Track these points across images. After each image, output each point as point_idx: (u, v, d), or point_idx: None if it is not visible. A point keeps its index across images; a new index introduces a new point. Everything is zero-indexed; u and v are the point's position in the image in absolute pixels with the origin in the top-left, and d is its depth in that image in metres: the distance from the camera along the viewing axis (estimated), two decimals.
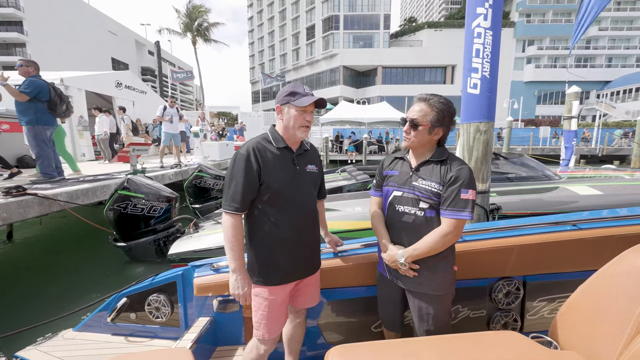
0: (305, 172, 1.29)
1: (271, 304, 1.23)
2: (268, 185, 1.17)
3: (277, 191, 1.19)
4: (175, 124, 6.90)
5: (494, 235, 1.55)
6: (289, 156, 1.25)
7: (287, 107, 1.20)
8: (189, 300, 1.61)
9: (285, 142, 1.24)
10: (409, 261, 1.18)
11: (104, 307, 1.64)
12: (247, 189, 1.15)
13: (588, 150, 16.06)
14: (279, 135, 1.25)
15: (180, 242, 2.99)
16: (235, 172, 1.16)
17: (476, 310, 1.57)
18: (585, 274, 1.58)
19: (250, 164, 1.15)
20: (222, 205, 1.19)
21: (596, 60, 34.85)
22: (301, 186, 1.26)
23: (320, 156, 1.45)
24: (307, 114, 1.21)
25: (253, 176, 1.15)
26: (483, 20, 2.05)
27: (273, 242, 1.21)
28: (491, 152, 2.30)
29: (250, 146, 1.19)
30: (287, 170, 1.22)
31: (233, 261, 1.17)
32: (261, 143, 1.21)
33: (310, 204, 1.29)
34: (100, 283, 3.30)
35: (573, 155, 6.50)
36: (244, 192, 1.15)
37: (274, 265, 1.23)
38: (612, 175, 3.73)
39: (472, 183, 1.14)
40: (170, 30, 24.65)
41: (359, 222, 2.89)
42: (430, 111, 1.18)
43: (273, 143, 1.23)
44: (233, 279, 1.18)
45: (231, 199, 1.16)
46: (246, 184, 1.14)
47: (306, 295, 1.37)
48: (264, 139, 1.24)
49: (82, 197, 3.66)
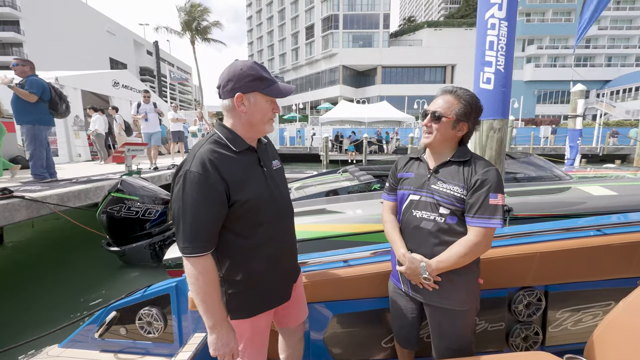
0: (274, 171, 1.07)
1: (255, 336, 1.04)
2: (240, 203, 0.91)
3: (252, 205, 0.93)
4: (152, 121, 6.14)
5: (514, 241, 1.44)
6: (254, 158, 0.99)
7: (252, 97, 0.92)
8: (183, 314, 1.49)
9: (245, 142, 0.97)
10: (433, 275, 1.05)
11: (92, 320, 1.52)
12: (213, 218, 0.87)
13: (589, 150, 15.98)
14: (235, 135, 0.95)
15: (176, 246, 2.85)
16: (190, 200, 0.84)
17: (494, 323, 1.45)
18: (612, 283, 1.48)
19: (210, 183, 0.85)
20: (180, 249, 0.87)
21: (596, 60, 34.87)
22: (275, 189, 1.03)
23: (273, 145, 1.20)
24: (274, 104, 0.98)
25: (218, 200, 0.86)
26: (497, 10, 1.92)
27: (252, 264, 0.98)
28: (505, 151, 2.18)
29: (203, 159, 0.86)
30: (256, 176, 0.98)
31: (210, 317, 0.89)
32: (215, 151, 0.90)
33: (287, 206, 1.11)
34: (92, 290, 3.16)
35: (578, 155, 6.40)
36: (208, 224, 0.86)
37: (257, 292, 1.00)
38: (623, 175, 3.61)
39: (501, 186, 1.02)
40: (168, 29, 24.53)
41: (364, 224, 2.76)
42: (456, 103, 1.06)
43: (231, 146, 0.94)
44: (213, 338, 0.91)
45: (192, 238, 0.85)
46: (209, 213, 0.86)
47: (296, 309, 1.21)
48: (216, 143, 0.93)
49: (74, 199, 3.51)
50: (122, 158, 4.57)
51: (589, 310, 1.47)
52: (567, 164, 6.42)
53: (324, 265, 1.43)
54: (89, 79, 9.03)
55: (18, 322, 2.58)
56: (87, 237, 3.69)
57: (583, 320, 1.48)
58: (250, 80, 0.91)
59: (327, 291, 1.35)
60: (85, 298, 2.99)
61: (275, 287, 1.06)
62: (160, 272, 3.16)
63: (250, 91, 0.92)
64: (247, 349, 1.03)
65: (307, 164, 15.00)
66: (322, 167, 13.03)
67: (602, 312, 1.47)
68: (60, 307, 2.81)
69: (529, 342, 1.47)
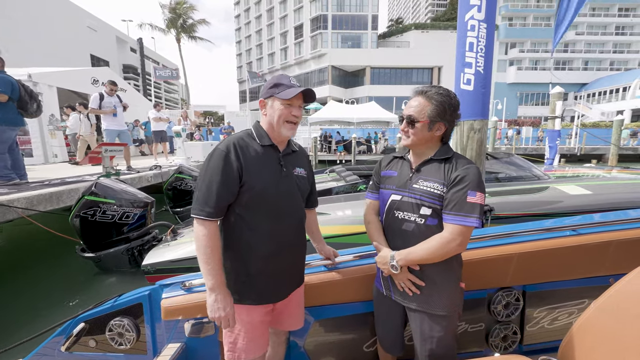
0: (293, 176, 1.14)
1: (248, 325, 1.08)
2: (250, 187, 1.01)
3: (260, 194, 1.03)
4: (120, 117, 5.43)
5: (492, 242, 1.46)
6: (275, 156, 1.10)
7: (271, 101, 1.07)
8: (157, 323, 1.42)
9: (270, 139, 1.09)
10: (401, 264, 1.06)
11: (59, 332, 1.42)
12: (224, 190, 0.99)
13: (567, 150, 16.65)
14: (263, 132, 1.10)
15: (155, 251, 2.74)
16: (211, 170, 0.99)
17: (474, 324, 1.47)
18: (586, 282, 1.51)
19: (230, 161, 1.00)
20: (192, 210, 1.00)
21: (574, 64, 36.46)
22: (288, 191, 1.10)
23: (309, 159, 1.29)
24: (293, 108, 1.06)
25: (232, 176, 0.99)
26: (477, 12, 1.94)
27: (252, 254, 1.05)
28: (485, 152, 2.21)
29: (230, 142, 1.04)
30: (272, 171, 1.07)
31: (210, 278, 0.98)
32: (243, 139, 1.06)
33: (297, 212, 1.14)
34: (64, 299, 2.98)
35: (557, 154, 6.63)
36: (220, 194, 0.98)
37: (252, 282, 1.06)
38: (598, 174, 3.75)
39: (481, 185, 1.00)
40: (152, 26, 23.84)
41: (349, 226, 2.74)
42: (428, 105, 1.05)
43: (257, 140, 1.08)
44: (211, 299, 0.99)
45: (203, 202, 0.98)
46: (223, 184, 0.98)
47: (290, 316, 1.21)
48: (247, 135, 1.09)
49: (45, 202, 3.32)
50: (98, 159, 4.37)
51: (564, 309, 1.51)
52: (547, 163, 6.63)
53: (306, 269, 1.39)
54: (65, 76, 8.63)
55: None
56: (60, 243, 3.49)
57: (559, 318, 1.52)
58: (269, 87, 1.07)
59: (308, 296, 1.32)
60: (56, 308, 2.82)
61: (270, 284, 1.09)
62: (139, 278, 3.03)
63: (268, 96, 1.07)
64: (240, 339, 1.08)
65: None
66: None
67: (577, 310, 1.52)
68: (28, 319, 2.64)
69: (508, 341, 1.50)
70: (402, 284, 1.11)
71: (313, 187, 1.29)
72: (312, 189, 1.28)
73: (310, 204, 1.30)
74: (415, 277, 1.08)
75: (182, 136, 7.54)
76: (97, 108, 5.19)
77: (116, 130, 5.51)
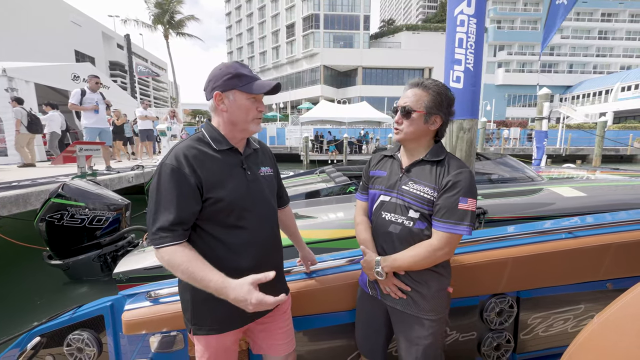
0: (260, 177, 1.02)
1: (218, 352, 0.98)
2: (217, 201, 0.89)
3: (228, 207, 0.91)
4: (102, 115, 5.11)
5: (485, 246, 1.38)
6: (236, 160, 0.97)
7: (232, 94, 0.91)
8: (121, 338, 1.29)
9: (229, 142, 0.95)
10: (386, 271, 1.02)
11: (14, 346, 1.30)
12: (184, 211, 0.85)
13: (553, 150, 17.06)
14: (218, 134, 0.95)
15: (129, 258, 2.55)
16: (164, 191, 0.84)
17: (466, 332, 1.40)
18: (582, 286, 1.42)
19: (184, 175, 0.85)
20: (151, 241, 0.86)
21: (559, 66, 37.46)
22: (257, 196, 0.99)
23: (271, 153, 1.16)
24: (259, 103, 0.95)
25: (190, 193, 0.86)
26: (466, 6, 1.84)
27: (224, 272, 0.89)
28: (475, 152, 2.12)
29: (180, 152, 0.87)
30: (236, 178, 0.94)
31: (211, 284, 0.82)
32: (195, 147, 0.90)
33: (270, 216, 1.04)
34: (27, 310, 2.77)
35: (544, 155, 6.70)
36: (180, 216, 0.84)
37: (223, 306, 0.88)
38: (583, 175, 3.74)
39: (473, 191, 0.95)
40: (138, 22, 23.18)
41: (338, 230, 2.62)
42: (424, 95, 0.99)
43: (212, 144, 0.93)
44: (232, 298, 0.81)
45: (163, 227, 0.83)
46: (180, 205, 0.84)
47: (277, 336, 1.08)
48: (198, 140, 0.93)
49: (10, 205, 3.08)
50: (73, 158, 4.11)
51: (559, 315, 1.45)
52: (534, 164, 6.69)
53: (287, 277, 1.28)
54: (44, 72, 8.22)
55: None
56: (26, 249, 3.25)
57: (554, 325, 1.46)
58: (227, 79, 0.90)
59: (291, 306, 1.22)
60: (17, 320, 2.59)
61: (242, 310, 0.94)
62: (113, 287, 2.84)
63: (228, 89, 0.91)
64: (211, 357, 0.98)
65: (288, 164, 14.75)
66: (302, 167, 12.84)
67: (572, 317, 1.46)
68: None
69: (501, 350, 1.43)
70: (388, 288, 1.07)
71: (281, 183, 1.18)
72: (280, 185, 1.17)
73: (282, 202, 1.20)
74: (400, 282, 1.04)
75: (168, 135, 7.28)
76: (77, 104, 4.89)
77: (97, 129, 5.21)
